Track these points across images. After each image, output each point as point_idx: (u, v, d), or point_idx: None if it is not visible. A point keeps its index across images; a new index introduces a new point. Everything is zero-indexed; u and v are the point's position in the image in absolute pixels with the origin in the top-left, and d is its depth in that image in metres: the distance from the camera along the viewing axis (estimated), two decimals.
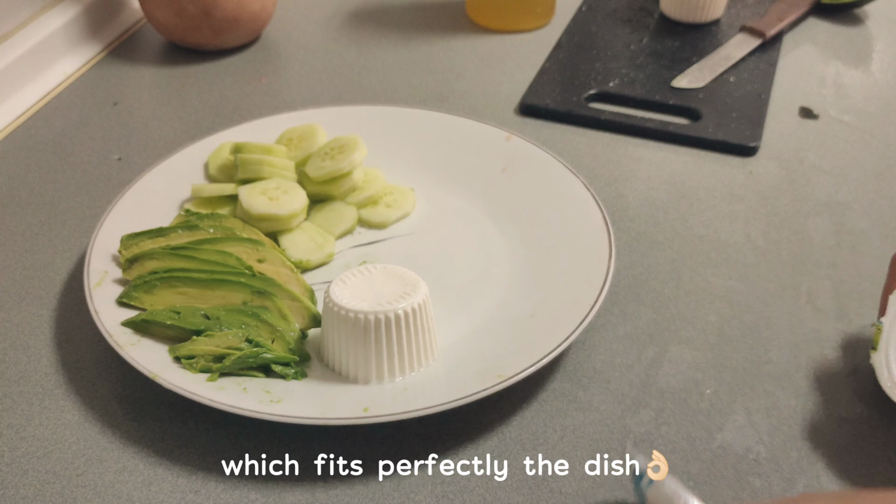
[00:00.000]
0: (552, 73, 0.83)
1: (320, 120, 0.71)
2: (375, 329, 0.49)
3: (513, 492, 0.47)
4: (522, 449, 0.49)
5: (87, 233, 0.63)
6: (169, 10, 0.84)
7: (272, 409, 0.47)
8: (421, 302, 0.50)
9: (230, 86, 0.84)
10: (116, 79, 0.85)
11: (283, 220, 0.61)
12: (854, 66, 0.87)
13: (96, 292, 0.54)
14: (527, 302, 0.56)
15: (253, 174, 0.64)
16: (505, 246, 0.62)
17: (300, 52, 0.90)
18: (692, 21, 0.91)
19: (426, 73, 0.86)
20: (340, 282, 0.51)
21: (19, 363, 0.54)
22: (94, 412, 0.51)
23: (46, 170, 0.72)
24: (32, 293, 0.59)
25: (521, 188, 0.65)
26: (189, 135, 0.76)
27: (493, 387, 0.48)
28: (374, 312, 0.48)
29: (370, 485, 0.47)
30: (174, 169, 0.66)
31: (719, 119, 0.76)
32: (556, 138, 0.75)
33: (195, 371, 0.50)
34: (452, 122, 0.71)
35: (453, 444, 0.49)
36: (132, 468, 0.48)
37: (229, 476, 0.47)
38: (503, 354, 0.51)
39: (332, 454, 0.48)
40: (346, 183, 0.64)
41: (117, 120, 0.79)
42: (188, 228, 0.59)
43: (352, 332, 0.49)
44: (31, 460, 0.48)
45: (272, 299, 0.53)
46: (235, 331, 0.51)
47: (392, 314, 0.49)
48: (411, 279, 0.51)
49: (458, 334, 0.55)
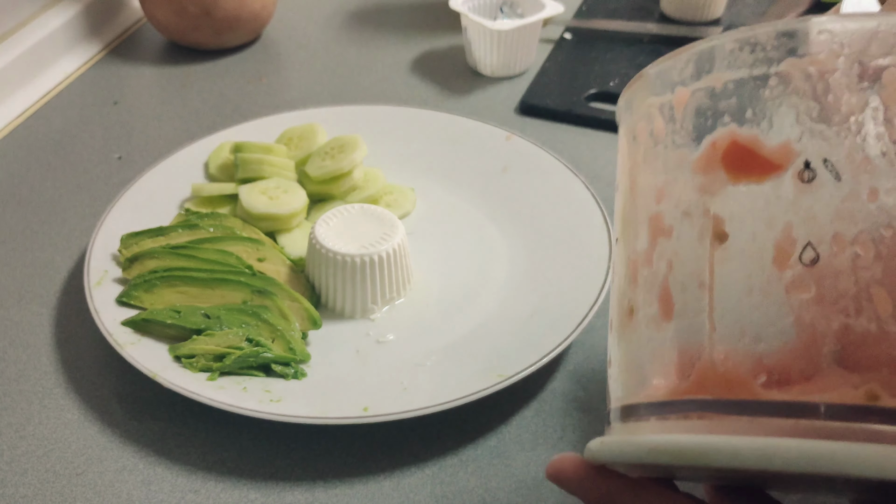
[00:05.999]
0: (552, 73, 0.83)
1: (320, 119, 0.71)
2: (361, 269, 0.54)
3: (512, 492, 0.47)
4: (522, 449, 0.49)
5: (88, 232, 0.63)
6: (169, 9, 0.84)
7: (272, 409, 0.47)
8: (400, 242, 0.56)
9: (230, 85, 0.84)
10: (117, 78, 0.85)
11: (284, 219, 0.61)
12: None
13: (96, 291, 0.54)
14: (526, 302, 0.56)
15: (253, 173, 0.64)
16: (505, 246, 0.62)
17: (300, 52, 0.90)
18: (692, 20, 0.91)
19: (426, 73, 0.86)
20: (323, 223, 0.57)
21: (19, 362, 0.54)
22: (93, 411, 0.51)
23: (47, 169, 0.72)
24: (32, 292, 0.59)
25: (521, 188, 0.65)
26: (189, 134, 0.76)
27: (493, 387, 0.48)
28: (360, 255, 0.54)
29: (370, 485, 0.47)
30: (174, 168, 0.66)
31: None
32: (556, 138, 0.75)
33: (195, 370, 0.50)
34: (452, 121, 0.71)
35: (453, 444, 0.49)
36: (132, 467, 0.48)
37: (229, 476, 0.47)
38: (503, 354, 0.51)
39: (332, 454, 0.48)
40: (346, 182, 0.64)
41: (117, 119, 0.79)
42: (188, 227, 0.59)
43: (339, 271, 0.55)
44: (30, 459, 0.48)
45: (272, 298, 0.54)
46: (236, 330, 0.51)
47: (376, 255, 0.54)
48: (388, 219, 0.57)
49: (458, 334, 0.55)
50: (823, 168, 0.25)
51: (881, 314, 0.24)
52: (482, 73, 0.84)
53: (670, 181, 0.29)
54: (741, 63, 0.27)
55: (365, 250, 0.55)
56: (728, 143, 0.27)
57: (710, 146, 0.28)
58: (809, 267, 0.25)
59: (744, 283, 0.26)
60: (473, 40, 0.82)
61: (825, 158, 0.25)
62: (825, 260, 0.25)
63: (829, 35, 0.26)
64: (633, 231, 0.30)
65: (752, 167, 0.27)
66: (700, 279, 0.27)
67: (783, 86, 0.26)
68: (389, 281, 0.56)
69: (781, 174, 0.26)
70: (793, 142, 0.26)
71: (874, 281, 0.24)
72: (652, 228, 0.29)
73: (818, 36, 0.26)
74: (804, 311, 0.25)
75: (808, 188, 0.25)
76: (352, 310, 0.56)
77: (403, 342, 0.54)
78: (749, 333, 0.25)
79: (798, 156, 0.26)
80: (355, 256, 0.54)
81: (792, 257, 0.25)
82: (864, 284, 0.24)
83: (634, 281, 0.30)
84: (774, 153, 0.26)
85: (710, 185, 0.27)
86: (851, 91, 0.25)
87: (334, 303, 0.56)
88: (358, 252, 0.55)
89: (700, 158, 0.28)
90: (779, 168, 0.26)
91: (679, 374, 0.27)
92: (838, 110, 0.25)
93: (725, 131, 0.27)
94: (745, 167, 0.27)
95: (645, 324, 0.29)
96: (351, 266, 0.54)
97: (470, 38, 0.83)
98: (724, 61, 0.28)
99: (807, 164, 0.25)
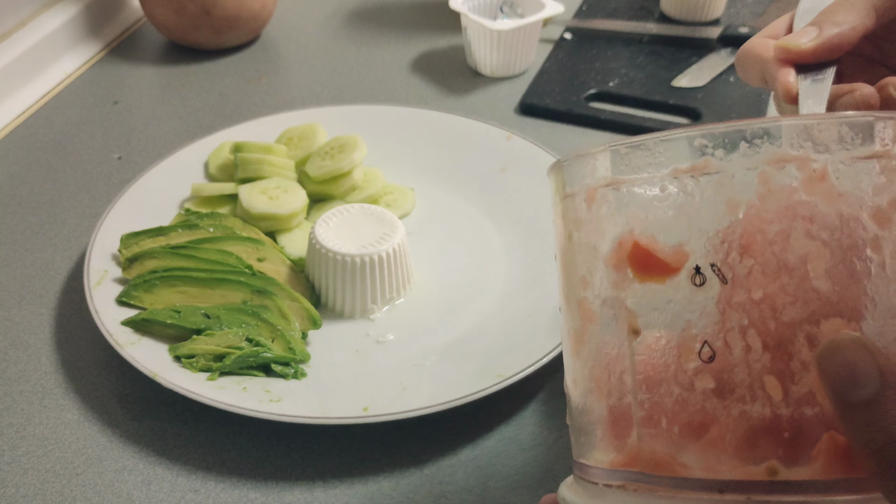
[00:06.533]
0: (552, 73, 0.83)
1: (320, 119, 0.71)
2: (360, 269, 0.54)
3: (511, 492, 0.47)
4: (522, 449, 0.49)
5: (88, 232, 0.63)
6: (169, 9, 0.84)
7: (272, 409, 0.47)
8: (400, 242, 0.56)
9: (230, 85, 0.84)
10: (116, 78, 0.85)
11: (283, 219, 0.61)
12: None
13: (96, 291, 0.54)
14: (526, 302, 0.56)
15: (253, 173, 0.64)
16: (504, 245, 0.62)
17: (300, 52, 0.90)
18: (692, 20, 0.91)
19: (426, 72, 0.86)
20: (323, 222, 0.56)
21: (19, 362, 0.54)
22: (93, 411, 0.51)
23: (47, 169, 0.72)
24: (32, 292, 0.59)
25: (521, 188, 0.65)
26: (189, 134, 0.76)
27: (493, 387, 0.48)
28: (360, 255, 0.54)
29: (370, 484, 0.47)
30: (174, 168, 0.66)
31: (719, 118, 0.76)
32: (556, 138, 0.75)
33: (195, 370, 0.50)
34: (452, 121, 0.71)
35: (452, 444, 0.49)
36: (132, 467, 0.48)
37: (229, 475, 0.47)
38: (502, 354, 0.51)
39: (331, 454, 0.48)
40: (346, 182, 0.64)
41: (117, 119, 0.79)
42: (188, 227, 0.59)
43: (339, 271, 0.55)
44: (31, 459, 0.48)
45: (272, 298, 0.54)
46: (235, 330, 0.51)
47: (376, 255, 0.54)
48: (388, 219, 0.57)
49: (458, 334, 0.55)
50: (711, 271, 0.27)
51: (774, 399, 0.26)
52: (482, 73, 0.85)
53: (591, 270, 0.31)
54: (636, 166, 0.29)
55: (365, 250, 0.55)
56: (631, 244, 0.29)
57: (618, 245, 0.29)
58: (708, 363, 0.27)
59: (659, 374, 0.28)
60: (473, 40, 0.82)
61: (712, 263, 0.27)
62: (721, 355, 0.27)
63: (705, 140, 0.28)
64: (569, 309, 0.32)
65: (654, 268, 0.29)
66: (623, 366, 0.29)
67: (675, 191, 0.28)
68: (389, 281, 0.56)
69: (678, 276, 0.28)
70: (684, 245, 0.28)
71: (765, 370, 0.27)
72: (581, 311, 0.31)
73: (694, 143, 0.28)
74: (708, 401, 0.27)
75: (701, 290, 0.28)
76: (352, 310, 0.56)
77: (403, 342, 0.54)
78: (667, 419, 0.28)
79: (690, 259, 0.28)
80: (355, 256, 0.54)
81: (693, 353, 0.28)
82: (757, 374, 0.27)
83: (576, 354, 0.32)
84: (670, 256, 0.28)
85: (621, 281, 0.29)
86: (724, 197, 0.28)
87: (334, 303, 0.56)
88: (358, 252, 0.55)
89: (610, 256, 0.30)
90: (675, 270, 0.28)
91: (616, 447, 0.29)
92: (717, 215, 0.27)
93: (628, 232, 0.29)
94: (647, 268, 0.29)
95: (586, 396, 0.31)
96: (351, 266, 0.54)
97: (470, 38, 0.83)
98: (624, 164, 0.29)
99: (697, 269, 0.28)
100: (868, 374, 0.25)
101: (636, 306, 0.29)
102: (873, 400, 0.24)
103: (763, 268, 0.27)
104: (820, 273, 0.27)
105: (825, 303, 0.27)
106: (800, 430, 0.26)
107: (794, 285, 0.27)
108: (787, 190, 0.27)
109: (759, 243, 0.27)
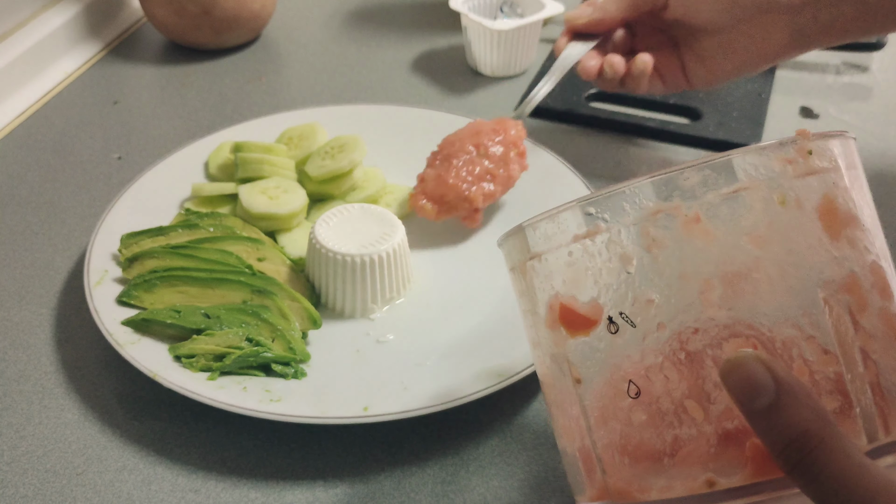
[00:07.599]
0: None
1: (320, 119, 0.71)
2: (360, 269, 0.54)
3: (513, 491, 0.46)
4: (522, 448, 0.49)
5: (88, 232, 0.63)
6: (169, 9, 0.84)
7: (272, 409, 0.47)
8: (400, 241, 0.56)
9: (230, 85, 0.84)
10: (116, 78, 0.85)
11: (283, 219, 0.61)
12: (855, 65, 0.87)
13: (96, 291, 0.54)
14: None
15: (253, 173, 0.64)
16: None
17: (300, 51, 0.90)
18: None
19: (426, 72, 0.86)
20: (323, 222, 0.56)
21: (19, 362, 0.54)
22: (94, 411, 0.51)
23: (47, 169, 0.72)
24: (33, 292, 0.59)
25: (521, 188, 0.65)
26: (189, 134, 0.76)
27: (493, 387, 0.48)
28: (360, 255, 0.54)
29: (371, 484, 0.47)
30: (174, 168, 0.66)
31: (720, 118, 0.76)
32: (556, 138, 0.75)
33: (195, 370, 0.50)
34: (452, 121, 0.71)
35: (454, 444, 0.49)
36: (132, 467, 0.48)
37: (229, 475, 0.47)
38: (503, 354, 0.51)
39: (332, 454, 0.48)
40: (346, 182, 0.64)
41: (117, 119, 0.79)
42: (188, 227, 0.59)
43: (339, 271, 0.55)
44: (31, 459, 0.48)
45: (272, 298, 0.53)
46: (236, 330, 0.51)
47: (376, 255, 0.54)
48: (388, 219, 0.57)
49: (458, 334, 0.55)
50: (621, 319, 0.32)
51: (697, 420, 0.30)
52: (482, 72, 0.84)
53: (537, 332, 0.35)
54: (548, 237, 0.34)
55: (365, 250, 0.55)
56: (559, 305, 0.33)
57: (549, 308, 0.34)
58: (636, 399, 0.31)
59: (605, 414, 0.32)
60: (473, 40, 0.82)
61: (620, 311, 0.32)
62: (645, 390, 0.31)
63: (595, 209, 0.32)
64: (536, 366, 0.36)
65: (579, 324, 0.33)
66: (577, 411, 0.33)
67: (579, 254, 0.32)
68: (389, 281, 0.56)
69: (598, 327, 0.32)
70: (598, 300, 0.32)
71: (684, 396, 0.30)
72: (540, 368, 0.36)
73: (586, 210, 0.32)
74: (644, 432, 0.31)
75: (618, 336, 0.32)
76: (352, 310, 0.56)
77: (403, 342, 0.54)
78: (618, 452, 0.32)
79: (604, 311, 0.32)
80: (355, 256, 0.54)
81: (623, 392, 0.32)
82: (678, 401, 0.31)
83: (549, 405, 0.36)
84: (589, 311, 0.32)
85: (559, 339, 0.34)
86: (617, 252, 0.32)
87: (334, 303, 0.56)
88: (358, 252, 0.54)
89: (547, 318, 0.34)
90: (595, 323, 0.32)
91: (590, 483, 0.34)
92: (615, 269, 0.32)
93: (554, 296, 0.33)
94: (574, 324, 0.33)
95: (562, 442, 0.35)
96: (351, 266, 0.54)
97: (470, 38, 0.83)
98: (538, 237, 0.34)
99: (610, 319, 0.32)
100: (765, 384, 0.28)
101: (574, 358, 0.33)
102: (772, 405, 0.27)
103: (664, 308, 0.31)
104: (714, 302, 0.30)
105: (723, 327, 0.30)
106: (725, 442, 0.30)
107: (693, 318, 0.31)
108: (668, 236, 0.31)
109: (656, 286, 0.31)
